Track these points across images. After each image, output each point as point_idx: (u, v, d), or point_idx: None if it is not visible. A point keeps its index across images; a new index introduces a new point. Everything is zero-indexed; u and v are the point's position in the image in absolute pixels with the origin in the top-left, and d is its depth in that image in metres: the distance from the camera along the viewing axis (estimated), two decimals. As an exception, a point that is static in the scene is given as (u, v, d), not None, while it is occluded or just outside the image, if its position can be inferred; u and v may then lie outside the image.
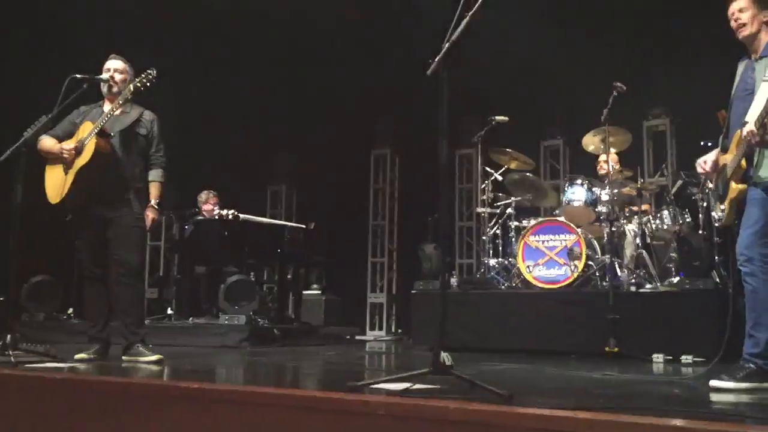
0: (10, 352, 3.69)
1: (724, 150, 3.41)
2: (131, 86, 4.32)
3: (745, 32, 3.33)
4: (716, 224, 5.06)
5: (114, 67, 4.42)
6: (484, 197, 6.84)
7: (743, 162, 3.22)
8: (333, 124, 9.01)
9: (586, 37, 7.50)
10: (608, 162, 5.90)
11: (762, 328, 3.04)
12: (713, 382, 3.04)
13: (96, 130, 4.15)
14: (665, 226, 5.96)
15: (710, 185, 3.55)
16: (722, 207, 3.36)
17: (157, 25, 8.51)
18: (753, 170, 3.20)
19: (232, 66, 9.00)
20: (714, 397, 2.86)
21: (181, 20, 8.56)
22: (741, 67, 3.45)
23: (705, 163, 3.51)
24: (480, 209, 6.98)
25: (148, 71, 4.33)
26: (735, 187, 3.25)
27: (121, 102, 4.30)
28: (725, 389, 2.97)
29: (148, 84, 4.31)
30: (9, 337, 3.78)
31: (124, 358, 4.22)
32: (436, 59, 2.92)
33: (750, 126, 3.09)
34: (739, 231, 3.25)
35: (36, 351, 4.17)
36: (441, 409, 2.22)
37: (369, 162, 9.74)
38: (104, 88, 4.41)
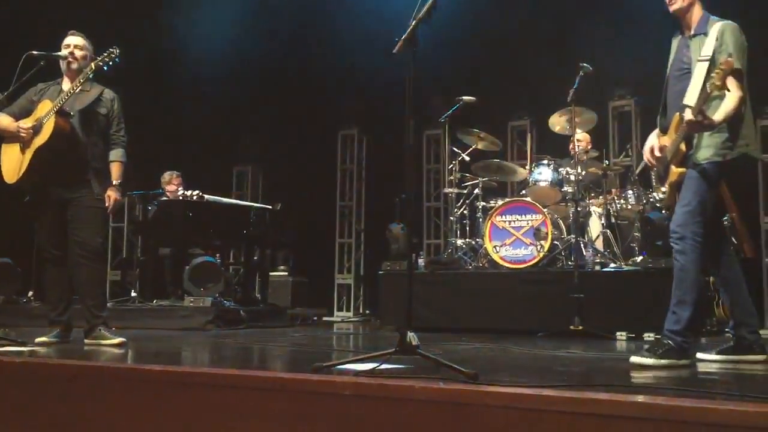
0: (-33, 337, 3.60)
1: (663, 131, 3.40)
2: (92, 64, 4.21)
3: (675, 5, 3.29)
4: (657, 205, 5.14)
5: (74, 43, 4.30)
6: (452, 178, 6.85)
7: (683, 145, 3.21)
8: (300, 104, 8.92)
9: (553, 17, 7.52)
10: (574, 142, 5.94)
11: (686, 306, 3.07)
12: (634, 359, 3.07)
13: (55, 109, 4.05)
14: (629, 206, 6.05)
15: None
16: (663, 189, 3.36)
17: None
18: (694, 152, 3.21)
19: (201, 43, 8.84)
20: (634, 373, 2.90)
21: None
22: (675, 44, 3.41)
23: (652, 150, 3.44)
24: (447, 190, 7.00)
25: (111, 50, 4.22)
26: (675, 170, 3.24)
27: (81, 80, 4.19)
28: (645, 365, 3.00)
29: (111, 63, 4.21)
30: (-34, 321, 3.69)
31: (86, 341, 4.15)
32: (402, 38, 2.89)
33: (689, 115, 3.08)
34: None
35: (-6, 335, 4.08)
36: (406, 388, 2.22)
37: (336, 142, 9.68)
38: (63, 65, 4.29)
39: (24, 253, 7.45)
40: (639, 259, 5.73)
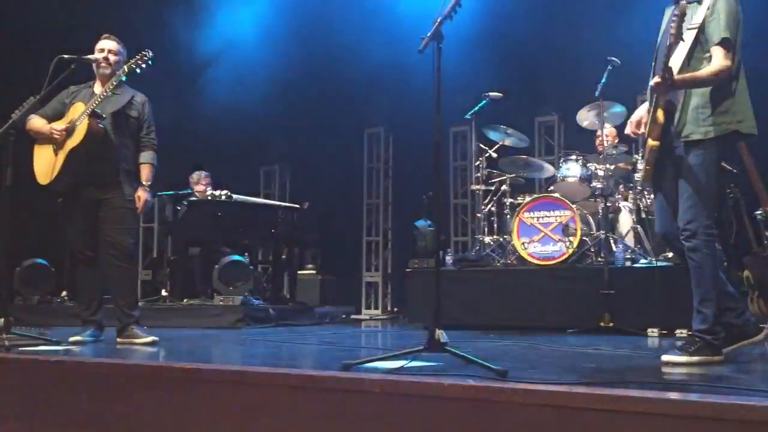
0: (4, 336, 3.67)
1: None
2: (125, 67, 4.27)
3: None
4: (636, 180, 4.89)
5: (108, 47, 4.35)
6: (479, 174, 6.82)
7: (660, 115, 3.04)
8: (326, 103, 8.95)
9: (581, 11, 7.43)
10: (602, 137, 5.88)
11: (709, 303, 2.98)
12: (666, 357, 3.01)
13: (88, 112, 4.10)
14: (660, 201, 5.95)
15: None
16: (647, 166, 3.16)
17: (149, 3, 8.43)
18: (676, 127, 3.06)
19: (227, 45, 8.91)
20: (666, 370, 2.85)
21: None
22: (668, 13, 3.27)
23: (639, 123, 3.27)
24: (474, 186, 6.96)
25: (143, 53, 4.27)
26: (650, 143, 3.06)
27: (114, 83, 4.24)
28: (677, 363, 2.94)
29: (144, 66, 4.25)
30: (2, 320, 3.76)
31: (118, 340, 4.21)
32: (427, 35, 2.88)
33: (656, 78, 2.93)
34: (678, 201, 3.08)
35: (30, 334, 4.16)
36: (436, 386, 2.22)
37: (362, 141, 9.69)
38: (96, 68, 4.34)
39: (57, 253, 7.58)
40: (671, 254, 5.64)
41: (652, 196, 5.92)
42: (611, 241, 5.73)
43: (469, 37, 6.77)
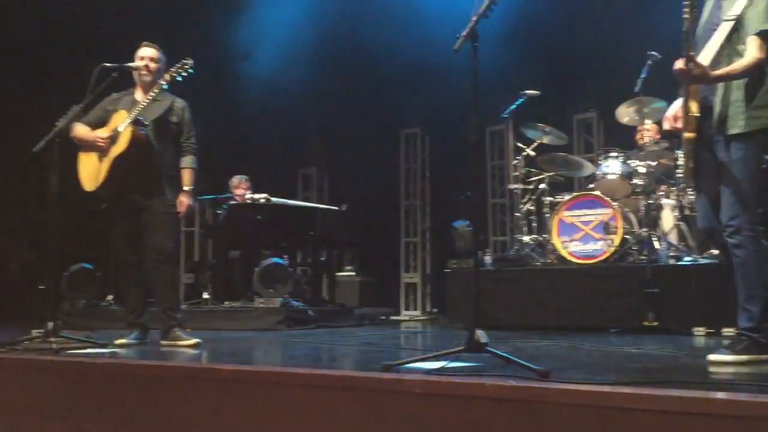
0: (52, 339, 3.77)
1: None
2: (167, 75, 4.33)
3: None
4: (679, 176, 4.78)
5: (149, 55, 4.43)
6: (517, 173, 6.76)
7: (693, 106, 2.98)
8: (362, 105, 8.97)
9: (620, 4, 7.32)
10: (643, 132, 5.78)
11: (755, 301, 2.90)
12: (712, 356, 2.93)
13: (130, 119, 4.19)
14: (704, 198, 5.82)
15: None
16: (687, 161, 3.10)
17: (186, 9, 8.56)
18: (716, 121, 2.98)
19: (263, 50, 9.01)
20: (713, 369, 2.78)
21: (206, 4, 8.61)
22: (709, 4, 3.18)
23: (675, 117, 3.21)
24: (513, 185, 6.90)
25: (184, 61, 4.33)
26: (687, 136, 3.00)
27: (156, 91, 4.32)
28: (725, 362, 2.87)
29: (184, 74, 4.32)
30: (51, 324, 3.86)
31: (162, 342, 4.28)
32: (462, 34, 2.87)
33: (679, 63, 2.87)
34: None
35: (77, 338, 4.26)
36: (477, 386, 2.21)
37: (399, 142, 9.69)
38: (136, 76, 4.43)
39: (103, 258, 7.74)
40: (716, 251, 5.51)
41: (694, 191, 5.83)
42: (654, 238, 5.62)
43: (505, 35, 6.73)
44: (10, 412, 3.30)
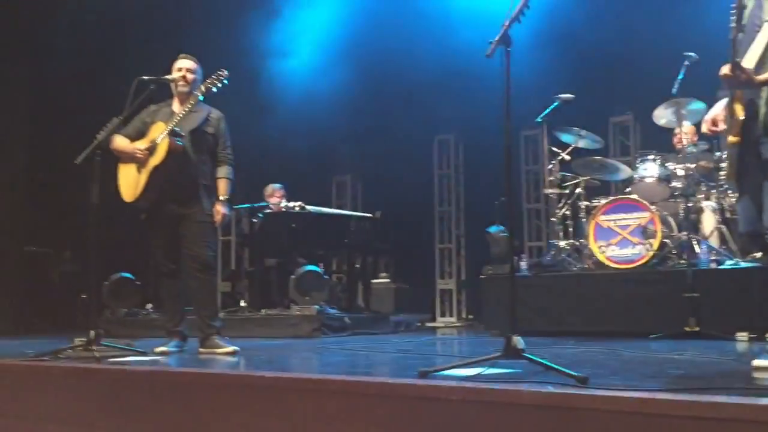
0: (94, 348, 3.84)
1: None
2: (203, 87, 4.40)
3: None
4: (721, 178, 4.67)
5: (186, 66, 4.50)
6: (552, 178, 6.70)
7: (738, 109, 2.91)
8: (395, 111, 8.98)
9: (654, 6, 7.23)
10: (681, 135, 5.68)
11: None
12: (757, 362, 2.85)
13: (168, 131, 4.26)
14: (745, 200, 5.70)
15: None
16: (729, 164, 3.05)
17: (222, 20, 8.69)
18: (762, 122, 2.90)
19: (296, 57, 9.10)
20: (757, 375, 2.71)
21: (238, 14, 8.73)
22: (751, 4, 3.10)
23: (714, 120, 3.15)
24: (548, 190, 6.84)
25: (220, 72, 4.39)
26: (730, 140, 2.95)
27: (192, 102, 4.38)
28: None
29: (220, 85, 4.38)
30: (92, 333, 3.93)
31: (201, 350, 4.33)
32: (495, 39, 2.86)
33: (725, 68, 2.81)
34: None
35: (118, 346, 4.33)
36: (514, 393, 2.19)
37: (433, 148, 9.68)
38: (174, 87, 4.50)
39: (142, 267, 7.87)
40: (759, 254, 5.38)
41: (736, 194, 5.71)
42: (694, 242, 5.52)
43: (538, 39, 6.68)
44: (54, 420, 3.37)
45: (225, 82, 4.39)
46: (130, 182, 4.39)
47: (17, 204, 8.52)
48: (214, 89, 4.39)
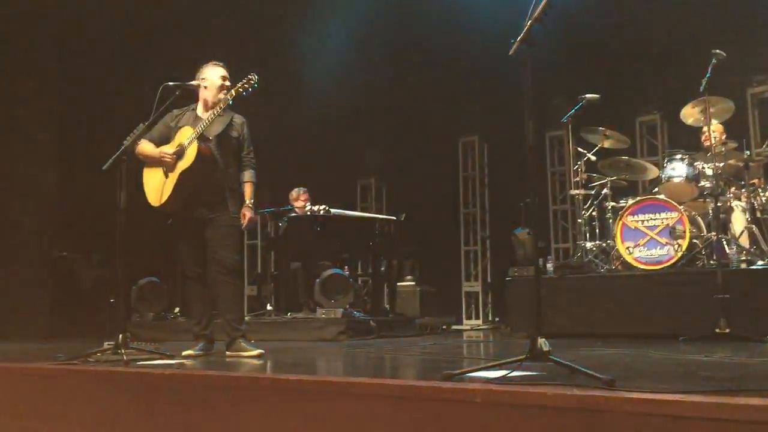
0: (123, 351, 3.88)
1: None
2: (233, 91, 4.40)
3: None
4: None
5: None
6: (578, 179, 6.64)
7: None
8: (419, 113, 8.98)
9: (680, 3, 7.13)
10: (709, 133, 5.59)
11: None
12: None
13: (197, 135, 4.30)
14: (776, 199, 5.61)
15: None
16: None
17: (243, 24, 8.75)
18: None
19: (320, 61, 9.13)
20: None
21: (264, 18, 8.79)
22: None
23: None
24: (574, 191, 6.78)
25: (250, 76, 4.39)
26: None
27: (222, 106, 4.40)
28: None
29: (250, 89, 4.40)
30: (121, 336, 3.98)
31: (227, 353, 4.36)
32: (518, 39, 2.84)
33: None
34: None
35: (146, 349, 4.38)
36: (539, 395, 2.17)
37: (457, 150, 9.66)
38: (201, 93, 4.52)
39: (169, 272, 7.97)
40: (790, 255, 5.29)
41: (767, 194, 5.61)
42: (724, 242, 5.43)
43: (563, 38, 6.63)
44: (83, 422, 3.41)
45: (255, 85, 4.40)
46: (156, 186, 4.43)
47: (47, 210, 8.66)
48: (245, 93, 4.41)
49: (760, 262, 5.30)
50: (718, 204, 5.47)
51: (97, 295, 8.36)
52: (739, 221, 5.71)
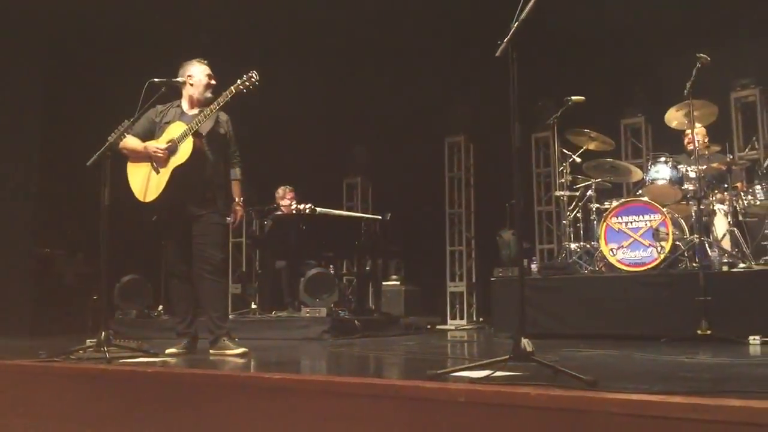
0: (105, 349, 3.85)
1: None
2: (232, 88, 4.35)
3: None
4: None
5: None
6: (563, 180, 6.68)
7: None
8: (405, 113, 8.99)
9: (665, 7, 7.19)
10: (693, 137, 5.65)
11: None
12: None
13: (192, 131, 4.27)
14: (758, 202, 5.68)
15: None
16: None
17: (233, 25, 8.71)
18: None
19: (305, 60, 9.10)
20: None
21: (253, 19, 8.75)
22: None
23: None
24: (559, 192, 6.82)
25: (250, 74, 4.34)
26: None
27: (221, 102, 4.36)
28: None
29: (251, 87, 4.36)
30: (103, 334, 3.95)
31: (211, 351, 4.34)
32: (504, 40, 2.85)
33: None
34: None
35: (129, 347, 4.35)
36: (522, 395, 2.18)
37: (443, 150, 9.68)
38: (190, 89, 4.49)
39: (153, 269, 7.90)
40: (771, 257, 5.35)
41: (750, 197, 5.67)
42: (706, 245, 5.48)
43: (549, 40, 6.66)
44: (64, 420, 3.39)
45: (256, 84, 4.36)
46: (144, 182, 4.37)
47: (31, 206, 8.58)
48: (245, 91, 4.37)
49: (741, 265, 5.36)
50: (701, 207, 5.52)
51: (80, 292, 8.29)
52: (721, 224, 5.77)
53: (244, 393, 2.91)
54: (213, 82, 4.51)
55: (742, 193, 5.79)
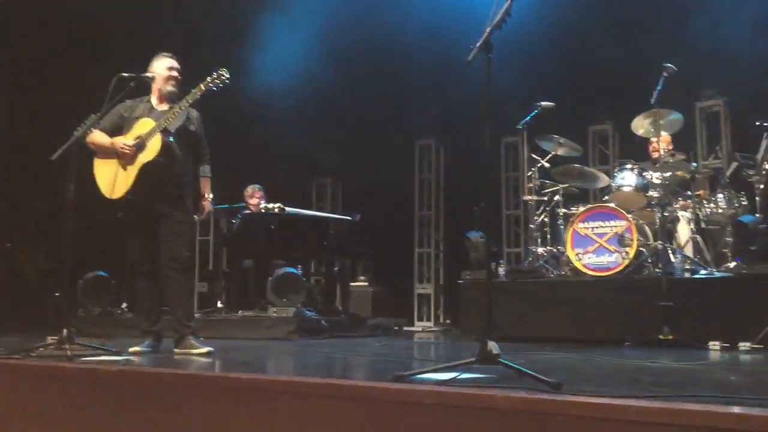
0: (67, 346, 3.79)
1: None
2: (202, 86, 4.28)
3: None
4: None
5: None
6: (531, 185, 6.75)
7: None
8: (376, 115, 8.99)
9: (634, 17, 7.31)
10: (658, 144, 5.75)
11: None
12: None
13: (162, 128, 4.21)
14: (720, 210, 5.80)
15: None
16: None
17: (203, 24, 8.63)
18: None
19: (276, 59, 9.05)
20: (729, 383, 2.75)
21: (220, 14, 8.69)
22: None
23: None
24: (527, 197, 6.89)
25: (220, 71, 4.28)
26: None
27: (190, 101, 4.30)
28: None
29: (221, 85, 4.31)
30: (65, 331, 3.88)
31: (175, 350, 4.29)
32: (476, 45, 2.87)
33: None
34: None
35: (91, 345, 4.28)
36: (488, 398, 2.19)
37: (413, 152, 9.70)
38: (159, 84, 4.44)
39: (117, 266, 7.79)
40: (732, 265, 5.47)
41: (712, 205, 5.79)
42: (669, 251, 5.58)
43: (520, 46, 6.72)
44: (24, 419, 3.32)
45: (226, 81, 4.32)
46: (110, 178, 4.30)
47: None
48: (215, 89, 4.32)
49: (702, 272, 5.46)
50: (665, 214, 5.62)
51: (41, 288, 8.14)
52: (684, 231, 5.88)
53: (209, 393, 2.88)
54: (175, 74, 4.45)
55: (705, 201, 5.91)
